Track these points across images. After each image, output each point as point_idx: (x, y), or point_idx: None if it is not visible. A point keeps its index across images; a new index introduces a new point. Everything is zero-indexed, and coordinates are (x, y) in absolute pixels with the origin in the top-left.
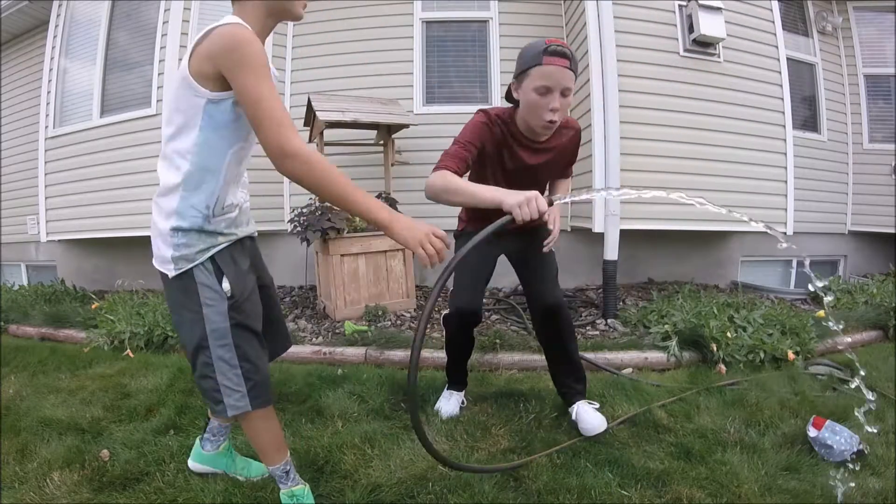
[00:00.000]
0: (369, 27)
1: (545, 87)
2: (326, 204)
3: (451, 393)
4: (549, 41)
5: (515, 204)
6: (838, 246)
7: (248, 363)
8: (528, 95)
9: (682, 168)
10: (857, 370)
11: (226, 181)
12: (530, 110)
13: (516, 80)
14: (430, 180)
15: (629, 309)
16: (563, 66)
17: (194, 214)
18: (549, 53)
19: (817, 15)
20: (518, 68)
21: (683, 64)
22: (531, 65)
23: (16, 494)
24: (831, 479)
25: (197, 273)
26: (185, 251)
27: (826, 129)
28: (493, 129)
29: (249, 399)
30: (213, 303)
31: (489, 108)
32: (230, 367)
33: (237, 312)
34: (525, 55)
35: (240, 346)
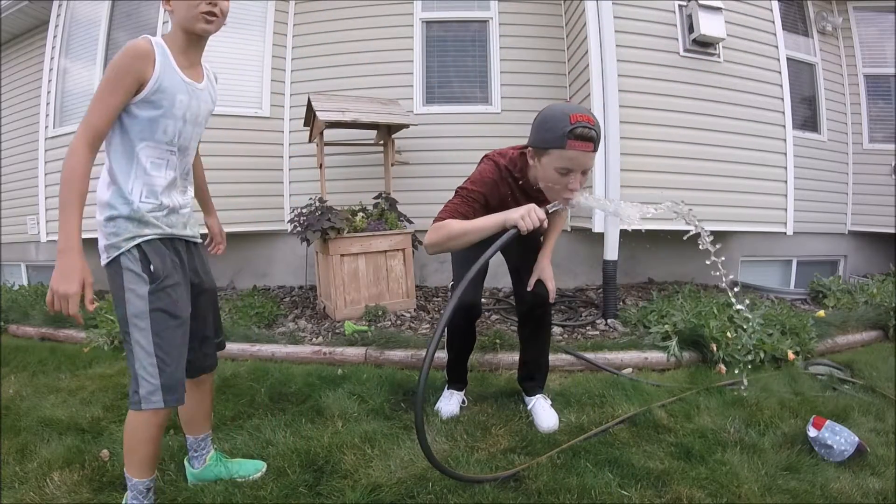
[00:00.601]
0: (369, 27)
1: (566, 168)
2: (327, 204)
3: (451, 393)
4: (575, 118)
5: (518, 217)
6: (838, 246)
7: (163, 353)
8: (546, 171)
9: (682, 168)
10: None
11: (139, 174)
12: (546, 184)
13: (534, 149)
14: (429, 236)
15: (629, 309)
16: (587, 150)
17: (120, 203)
18: (575, 137)
19: (817, 15)
20: (538, 141)
21: (683, 64)
22: (553, 145)
23: (16, 494)
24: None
25: (123, 259)
26: (114, 239)
27: (826, 129)
28: (501, 188)
29: (162, 394)
30: (134, 285)
31: (500, 159)
32: (146, 353)
33: (158, 297)
34: (547, 130)
35: (158, 333)
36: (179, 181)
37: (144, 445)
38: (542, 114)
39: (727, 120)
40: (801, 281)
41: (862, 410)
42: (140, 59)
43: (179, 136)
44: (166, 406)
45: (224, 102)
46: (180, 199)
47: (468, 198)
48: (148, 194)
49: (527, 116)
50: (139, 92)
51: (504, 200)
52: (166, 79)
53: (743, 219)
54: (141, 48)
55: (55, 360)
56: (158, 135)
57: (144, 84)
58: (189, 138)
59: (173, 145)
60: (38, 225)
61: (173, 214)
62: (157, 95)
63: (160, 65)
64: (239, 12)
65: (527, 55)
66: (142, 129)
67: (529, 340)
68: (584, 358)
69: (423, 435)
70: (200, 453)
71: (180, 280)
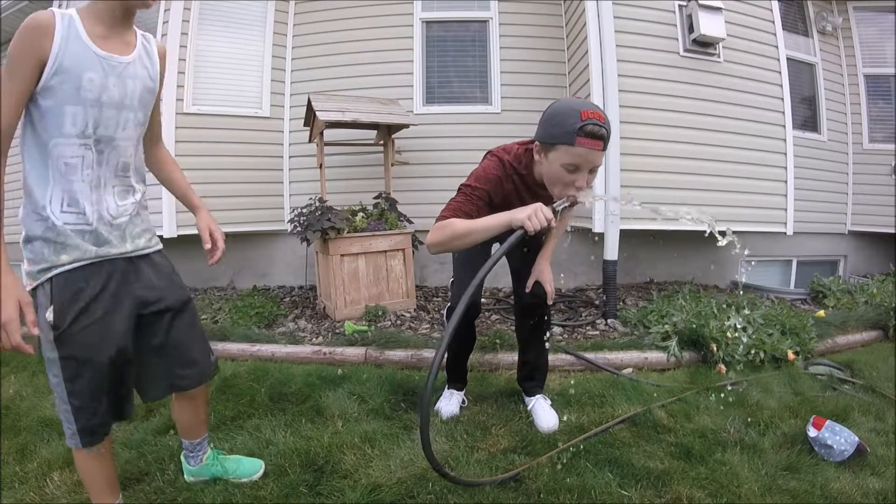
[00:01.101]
0: (369, 27)
1: (574, 165)
2: (327, 204)
3: (451, 392)
4: (586, 114)
5: (525, 217)
6: (838, 246)
7: (78, 401)
8: (553, 167)
9: (682, 168)
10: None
11: (56, 179)
12: (553, 181)
13: (541, 144)
14: (432, 236)
15: (629, 309)
16: (597, 148)
17: (34, 220)
18: (585, 135)
19: (817, 15)
20: (546, 136)
21: (683, 64)
22: (562, 142)
23: (16, 494)
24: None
25: (38, 292)
26: (31, 267)
27: (826, 129)
28: (505, 185)
29: (79, 438)
30: (44, 329)
31: (504, 155)
32: (61, 399)
33: (66, 344)
34: (556, 125)
35: (70, 380)
36: (111, 181)
37: (91, 475)
38: (552, 108)
39: (727, 120)
40: (801, 281)
41: (862, 410)
42: (37, 35)
43: (96, 126)
44: (85, 447)
45: (224, 102)
46: (115, 204)
47: (472, 196)
48: (69, 203)
49: (527, 116)
50: (41, 77)
51: (508, 198)
52: (69, 56)
53: (743, 219)
54: (38, 20)
55: None
56: (66, 127)
57: (44, 65)
58: (114, 126)
59: (87, 137)
60: None
61: (106, 225)
62: (57, 78)
63: (61, 39)
64: (239, 12)
65: (527, 55)
66: (48, 123)
67: (528, 341)
68: (584, 358)
69: (428, 449)
70: (196, 454)
71: (106, 311)
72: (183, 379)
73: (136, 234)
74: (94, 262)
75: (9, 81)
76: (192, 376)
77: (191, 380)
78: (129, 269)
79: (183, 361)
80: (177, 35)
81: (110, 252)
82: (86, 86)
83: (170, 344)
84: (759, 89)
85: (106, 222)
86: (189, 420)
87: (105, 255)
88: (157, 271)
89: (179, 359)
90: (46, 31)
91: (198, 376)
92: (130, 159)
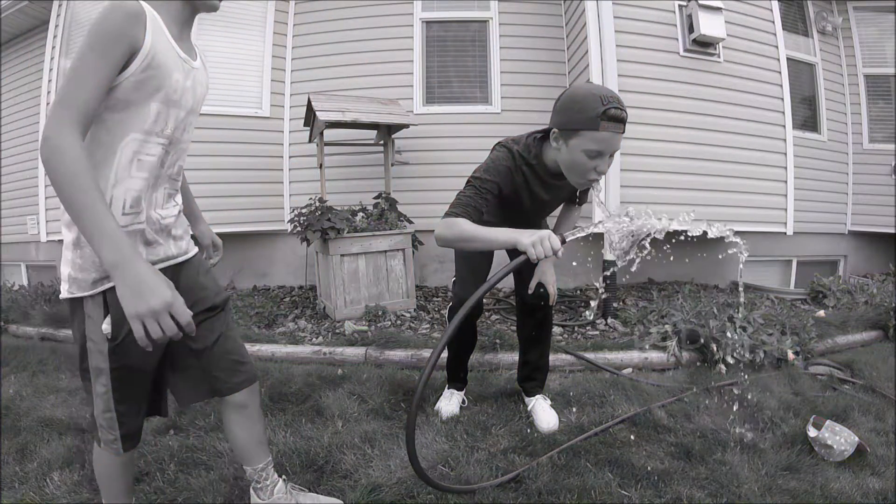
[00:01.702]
0: (369, 27)
1: (597, 151)
2: (327, 204)
3: (451, 392)
4: (606, 99)
5: (530, 244)
6: (838, 246)
7: (124, 407)
8: (574, 154)
9: (683, 168)
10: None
11: (120, 178)
12: (573, 168)
13: (560, 131)
14: (441, 230)
15: (629, 309)
16: (619, 132)
17: None
18: (608, 119)
19: (817, 15)
20: (566, 122)
21: (683, 64)
22: (585, 127)
23: (16, 494)
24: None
25: (86, 303)
26: (80, 275)
27: (826, 129)
28: (516, 177)
29: (121, 443)
30: (96, 338)
31: (514, 145)
32: (105, 407)
33: (117, 356)
34: (577, 111)
35: (119, 388)
36: (166, 183)
37: (113, 480)
38: (569, 95)
39: (727, 120)
40: (801, 281)
41: (862, 410)
42: (133, 22)
43: (174, 127)
44: (125, 453)
45: (224, 102)
46: (164, 207)
47: (482, 189)
48: (132, 204)
49: (527, 116)
50: (126, 66)
51: (517, 189)
52: (160, 52)
53: (743, 219)
54: (131, 7)
55: (55, 360)
56: (149, 124)
57: (135, 55)
58: (183, 129)
59: (165, 137)
60: (38, 225)
61: (153, 225)
62: (149, 72)
63: (152, 31)
64: (239, 12)
65: (527, 55)
66: (126, 117)
67: (530, 342)
68: (584, 358)
69: (415, 461)
70: (263, 484)
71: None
72: (225, 381)
73: (178, 235)
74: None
75: (97, 64)
76: (234, 377)
77: (233, 381)
78: (175, 273)
79: (224, 362)
80: None
81: (158, 255)
82: (173, 85)
83: (209, 344)
84: (759, 89)
85: (154, 221)
86: (244, 439)
87: (148, 260)
88: (197, 271)
89: (220, 359)
90: (139, 19)
91: (242, 376)
92: (182, 166)
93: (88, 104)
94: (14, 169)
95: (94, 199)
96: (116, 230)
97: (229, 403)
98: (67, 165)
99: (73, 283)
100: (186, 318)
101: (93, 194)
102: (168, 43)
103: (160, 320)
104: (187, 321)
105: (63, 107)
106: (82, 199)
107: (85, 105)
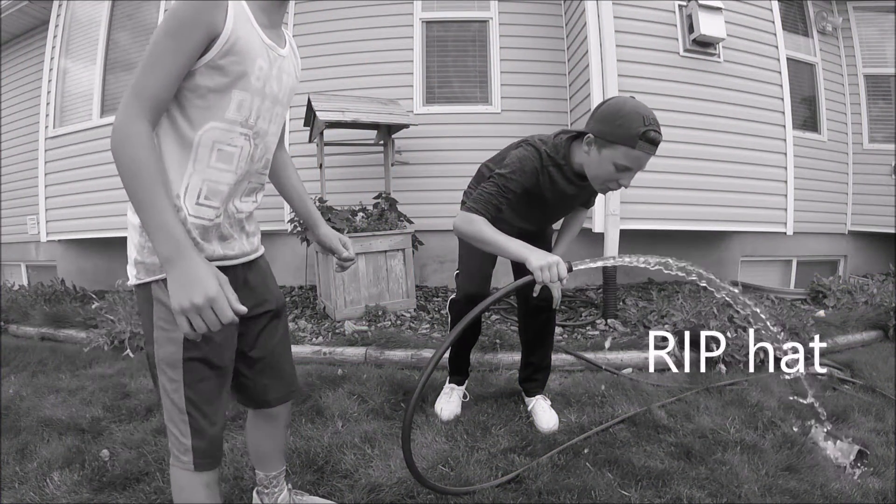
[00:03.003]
0: (369, 27)
1: (626, 167)
2: (327, 204)
3: (451, 388)
4: (649, 120)
5: (538, 268)
6: (838, 246)
7: (199, 411)
8: (604, 163)
9: (682, 168)
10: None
11: (198, 167)
12: (598, 175)
13: (595, 138)
14: (461, 223)
15: (629, 309)
16: (652, 154)
17: None
18: (647, 140)
19: (817, 15)
20: (606, 133)
21: (683, 64)
22: (622, 142)
23: (16, 494)
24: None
25: (155, 287)
26: (149, 258)
27: (826, 129)
28: (541, 177)
29: (193, 456)
30: (167, 325)
31: (542, 145)
32: (177, 408)
33: (196, 344)
34: (619, 125)
35: (192, 385)
36: (252, 177)
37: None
38: (614, 105)
39: (727, 120)
40: (801, 281)
41: (862, 410)
42: (211, 6)
43: (257, 117)
44: (197, 470)
45: None
46: (243, 200)
47: (505, 188)
48: (208, 195)
49: (527, 116)
50: (206, 52)
51: (542, 188)
52: (242, 38)
53: (743, 219)
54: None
55: (55, 360)
56: (231, 112)
57: (214, 41)
58: (269, 120)
59: (249, 127)
60: (38, 225)
61: (229, 218)
62: (230, 58)
63: (234, 17)
64: None
65: (527, 55)
66: (207, 104)
67: (533, 343)
68: (584, 358)
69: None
70: (272, 490)
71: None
72: (269, 391)
73: (251, 231)
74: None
75: (172, 54)
76: (279, 389)
77: (277, 393)
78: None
79: (272, 371)
80: None
81: (230, 253)
82: (256, 73)
83: (259, 350)
84: (759, 89)
85: (230, 214)
86: (265, 447)
87: (225, 256)
88: (266, 272)
89: (268, 368)
90: (220, 3)
91: (285, 390)
92: (268, 160)
93: (161, 93)
94: (14, 169)
95: (156, 193)
96: (174, 225)
97: (263, 412)
98: (133, 157)
99: (140, 268)
100: (228, 317)
101: (156, 188)
102: (252, 29)
103: (202, 314)
104: (229, 319)
105: (135, 95)
106: (145, 191)
107: (157, 93)
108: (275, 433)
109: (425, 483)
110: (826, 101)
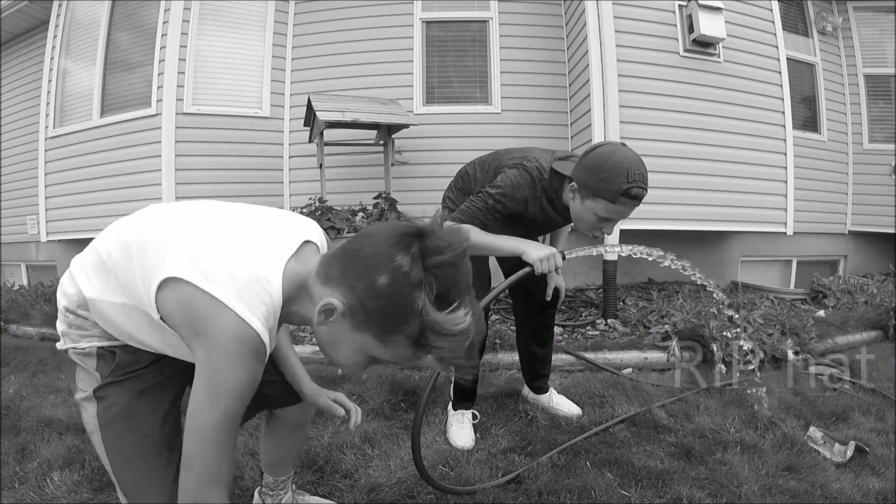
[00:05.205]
0: (369, 27)
1: (608, 219)
2: (327, 204)
3: (461, 415)
4: (633, 176)
5: (537, 259)
6: (838, 246)
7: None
8: (587, 213)
9: (682, 168)
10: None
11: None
12: (580, 221)
13: (580, 186)
14: None
15: (629, 309)
16: (634, 206)
17: None
18: (629, 197)
19: (817, 15)
20: (588, 185)
21: (683, 64)
22: (604, 197)
23: (16, 494)
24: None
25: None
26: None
27: (826, 129)
28: (531, 206)
29: None
30: None
31: (538, 174)
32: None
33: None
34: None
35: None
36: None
37: None
38: (598, 156)
39: (727, 120)
40: (802, 281)
41: (862, 410)
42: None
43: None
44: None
45: (224, 102)
46: None
47: (492, 208)
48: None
49: (527, 116)
50: None
51: (531, 215)
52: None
53: (743, 219)
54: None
55: (55, 360)
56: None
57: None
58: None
59: None
60: (38, 225)
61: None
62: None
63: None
64: (239, 12)
65: (527, 55)
66: None
67: (535, 342)
68: (584, 358)
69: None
70: (277, 492)
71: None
72: (281, 398)
73: None
74: None
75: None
76: (291, 394)
77: (291, 398)
78: None
79: (275, 372)
80: (177, 35)
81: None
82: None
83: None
84: (759, 89)
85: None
86: (283, 453)
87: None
88: None
89: (271, 368)
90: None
91: (298, 394)
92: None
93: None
94: (14, 169)
95: None
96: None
97: (284, 420)
98: None
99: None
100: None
101: None
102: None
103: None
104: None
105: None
106: None
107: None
108: (292, 441)
109: (431, 482)
110: (826, 101)
